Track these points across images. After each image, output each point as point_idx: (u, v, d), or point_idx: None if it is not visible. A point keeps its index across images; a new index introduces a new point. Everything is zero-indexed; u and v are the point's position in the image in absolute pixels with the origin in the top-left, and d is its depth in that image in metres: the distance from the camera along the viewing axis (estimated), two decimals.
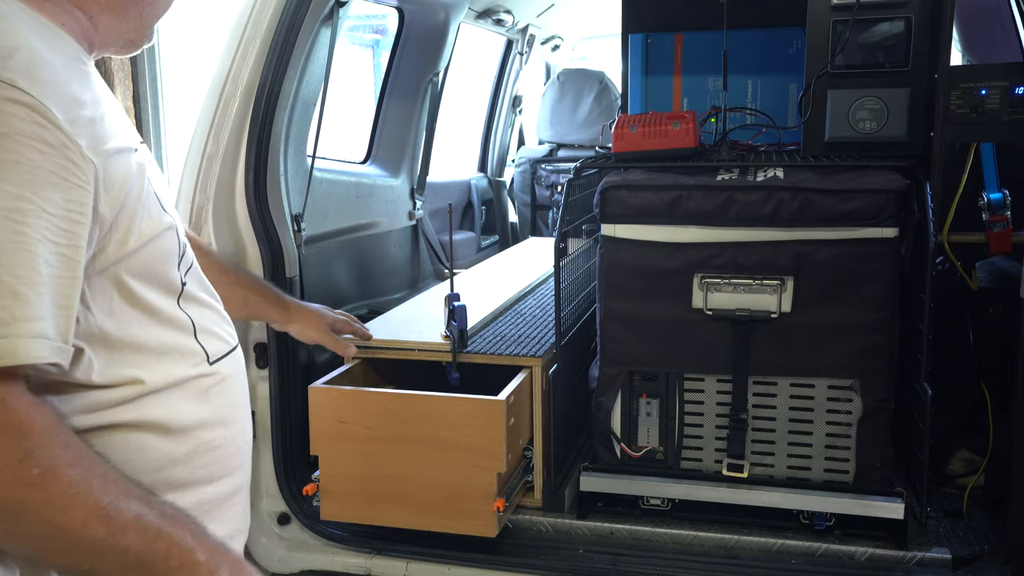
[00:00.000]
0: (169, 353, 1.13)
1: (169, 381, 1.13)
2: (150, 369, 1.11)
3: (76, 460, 0.92)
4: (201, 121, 2.12)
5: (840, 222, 1.87)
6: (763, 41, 2.41)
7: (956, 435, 2.32)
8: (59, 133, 0.92)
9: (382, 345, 2.17)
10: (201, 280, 1.26)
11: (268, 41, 2.12)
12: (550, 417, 2.10)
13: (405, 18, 3.28)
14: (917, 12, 1.96)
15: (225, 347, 1.25)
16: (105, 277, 1.04)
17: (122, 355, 1.08)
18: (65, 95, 0.96)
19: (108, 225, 1.01)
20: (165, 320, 1.13)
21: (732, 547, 2.00)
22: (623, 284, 2.02)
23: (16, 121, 0.89)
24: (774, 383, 1.98)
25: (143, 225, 1.07)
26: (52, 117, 0.92)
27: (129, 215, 1.04)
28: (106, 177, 0.99)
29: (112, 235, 1.03)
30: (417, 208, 3.40)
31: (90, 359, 1.04)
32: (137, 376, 1.09)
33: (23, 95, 0.90)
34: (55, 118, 0.92)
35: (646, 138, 2.08)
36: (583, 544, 2.06)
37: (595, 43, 5.26)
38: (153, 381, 1.11)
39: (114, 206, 1.01)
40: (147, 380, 1.10)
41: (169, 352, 1.13)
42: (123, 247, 1.04)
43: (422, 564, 2.06)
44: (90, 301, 1.03)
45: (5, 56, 0.91)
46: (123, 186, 1.03)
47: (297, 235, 2.32)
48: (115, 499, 0.94)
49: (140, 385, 1.09)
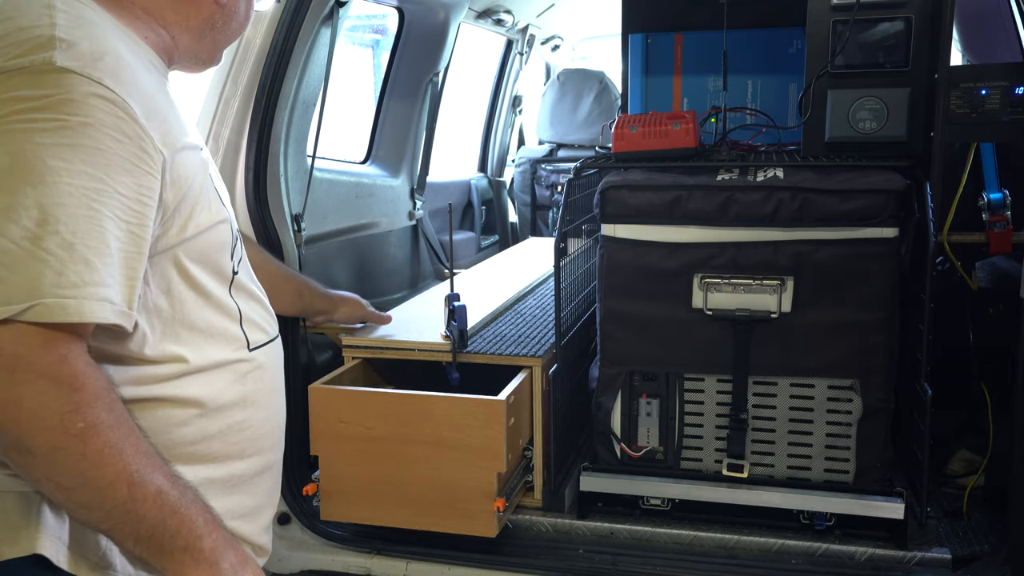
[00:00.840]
0: (215, 336, 1.23)
1: (211, 363, 1.22)
2: (196, 349, 1.20)
3: (117, 424, 1.02)
4: (201, 121, 2.12)
5: (840, 222, 1.87)
6: (763, 41, 2.41)
7: (956, 435, 2.32)
8: (136, 126, 1.04)
9: (382, 345, 2.17)
10: (250, 274, 1.36)
11: (268, 41, 2.12)
12: (550, 417, 2.10)
13: (405, 18, 3.28)
14: (917, 12, 1.96)
15: (265, 337, 1.34)
16: (165, 257, 1.14)
17: (173, 332, 1.17)
18: (144, 95, 1.07)
19: (171, 211, 1.12)
20: (216, 305, 1.23)
21: (732, 547, 2.00)
22: (623, 284, 2.02)
23: (101, 114, 1.01)
24: (774, 383, 1.98)
25: (202, 215, 1.17)
26: (131, 112, 1.03)
27: (190, 204, 1.15)
28: (173, 168, 1.10)
29: (174, 220, 1.13)
30: (417, 208, 3.40)
31: (144, 332, 1.14)
32: (183, 354, 1.18)
33: (108, 91, 1.02)
34: (134, 113, 1.04)
35: (646, 138, 2.08)
36: (583, 544, 2.06)
37: (595, 43, 5.26)
38: (196, 361, 1.19)
39: (177, 195, 1.12)
40: (191, 359, 1.19)
41: (216, 335, 1.23)
42: (183, 232, 1.15)
43: (422, 564, 2.06)
44: (149, 278, 1.13)
45: (96, 59, 1.03)
46: (188, 178, 1.14)
47: (297, 235, 2.32)
48: (143, 469, 1.03)
49: (184, 363, 1.18)
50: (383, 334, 2.21)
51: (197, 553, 1.07)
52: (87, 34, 1.05)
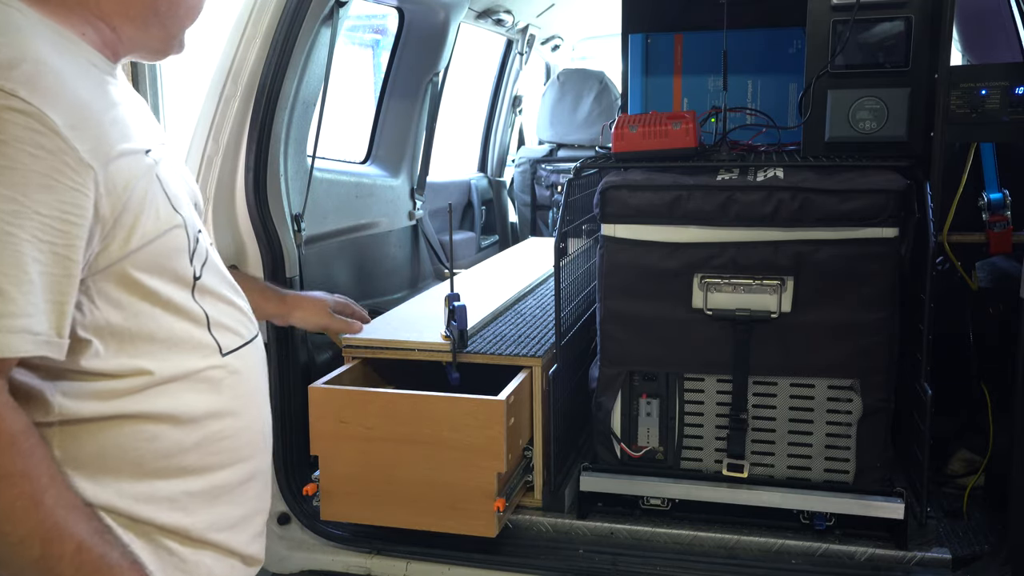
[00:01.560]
0: (180, 345, 1.16)
1: (179, 372, 1.16)
2: (160, 360, 1.14)
3: (34, 472, 0.94)
4: (201, 121, 2.12)
5: (840, 222, 1.87)
6: (763, 41, 2.41)
7: (956, 435, 2.32)
8: (56, 139, 0.96)
9: (382, 345, 2.17)
10: (221, 275, 1.29)
11: (268, 41, 2.12)
12: (550, 417, 2.10)
13: (405, 18, 3.28)
14: (917, 12, 1.96)
15: (239, 340, 1.27)
16: (110, 273, 1.08)
17: (132, 346, 1.11)
18: (70, 102, 1.00)
19: (111, 224, 1.05)
20: (178, 312, 1.17)
21: (732, 547, 2.00)
22: (623, 284, 2.02)
23: (13, 128, 0.93)
24: (774, 383, 1.98)
25: (148, 224, 1.10)
26: (50, 123, 0.96)
27: (133, 214, 1.08)
28: (107, 179, 1.03)
29: (115, 233, 1.06)
30: (417, 208, 3.40)
31: (98, 349, 1.08)
32: (146, 367, 1.12)
33: (22, 103, 0.94)
34: (54, 124, 0.96)
35: (646, 138, 2.08)
36: (583, 544, 2.06)
37: (595, 43, 5.26)
38: (162, 372, 1.14)
39: (116, 206, 1.05)
40: (156, 371, 1.13)
41: (180, 344, 1.16)
42: (127, 245, 1.07)
43: (422, 564, 2.06)
44: (95, 295, 1.07)
45: (10, 67, 0.96)
46: (127, 187, 1.06)
47: (297, 235, 2.32)
48: (63, 522, 0.96)
49: (148, 376, 1.12)
50: (383, 334, 2.21)
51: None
52: (2, 41, 0.98)
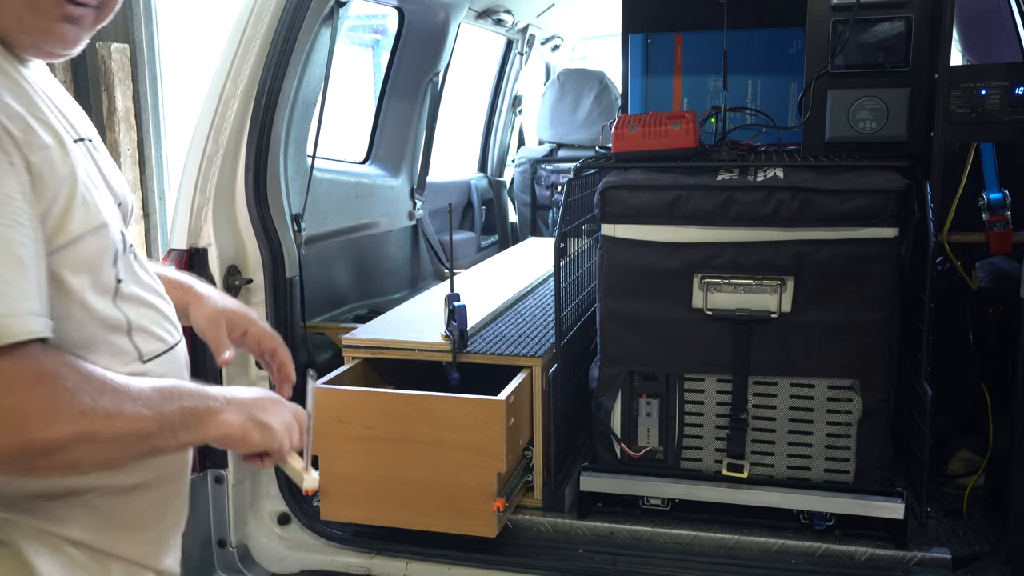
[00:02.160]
0: (97, 351, 1.13)
1: None
2: None
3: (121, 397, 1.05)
4: (201, 121, 2.12)
5: (840, 222, 1.87)
6: (763, 41, 2.41)
7: (956, 435, 2.32)
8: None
9: (382, 345, 2.17)
10: (141, 280, 1.25)
11: (268, 41, 2.12)
12: (550, 417, 2.10)
13: (405, 18, 3.28)
14: (917, 12, 1.96)
15: (162, 346, 1.24)
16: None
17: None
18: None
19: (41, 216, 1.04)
20: (96, 317, 1.14)
21: (732, 547, 2.00)
22: (623, 284, 2.02)
23: None
24: (774, 383, 1.98)
25: (74, 223, 1.08)
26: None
27: (62, 208, 1.07)
28: (39, 172, 1.03)
29: (45, 225, 1.05)
30: (417, 208, 3.40)
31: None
32: None
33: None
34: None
35: (646, 138, 2.08)
36: (583, 544, 2.06)
37: (595, 43, 5.26)
38: None
39: (46, 197, 1.05)
40: None
41: (98, 350, 1.14)
42: (53, 241, 1.06)
43: (422, 564, 2.06)
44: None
45: None
46: (55, 179, 1.05)
47: (297, 235, 2.32)
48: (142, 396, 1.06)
49: None
50: (383, 334, 2.21)
51: (215, 405, 1.14)
52: None
